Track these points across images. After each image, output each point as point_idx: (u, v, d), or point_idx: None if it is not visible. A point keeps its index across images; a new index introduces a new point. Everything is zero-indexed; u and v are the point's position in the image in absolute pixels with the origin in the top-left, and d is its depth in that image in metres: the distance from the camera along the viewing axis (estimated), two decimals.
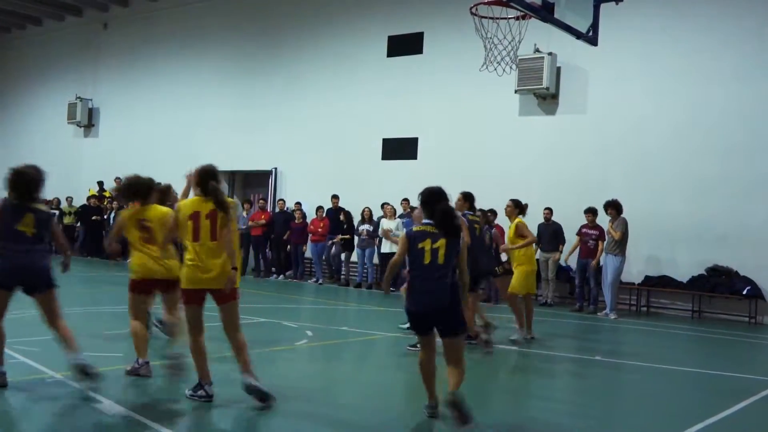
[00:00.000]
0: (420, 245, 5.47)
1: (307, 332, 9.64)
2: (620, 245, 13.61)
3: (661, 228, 14.54)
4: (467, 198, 8.97)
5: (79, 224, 22.91)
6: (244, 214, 19.17)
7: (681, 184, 14.51)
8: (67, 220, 23.25)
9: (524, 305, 10.00)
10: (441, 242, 5.43)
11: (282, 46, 20.56)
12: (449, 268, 5.44)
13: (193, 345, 5.89)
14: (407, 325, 8.33)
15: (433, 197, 5.60)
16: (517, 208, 10.08)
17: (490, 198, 12.87)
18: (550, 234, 14.81)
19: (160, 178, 7.37)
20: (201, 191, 6.00)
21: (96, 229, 21.73)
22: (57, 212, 23.25)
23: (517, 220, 9.98)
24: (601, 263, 14.16)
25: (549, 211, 14.91)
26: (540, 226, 14.81)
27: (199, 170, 6.09)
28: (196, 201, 6.00)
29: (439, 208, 5.49)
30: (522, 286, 9.92)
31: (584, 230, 14.39)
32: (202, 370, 5.89)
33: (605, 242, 13.86)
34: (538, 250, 14.93)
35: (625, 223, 13.62)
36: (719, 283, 13.87)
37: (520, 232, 9.91)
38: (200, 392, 5.84)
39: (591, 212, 14.26)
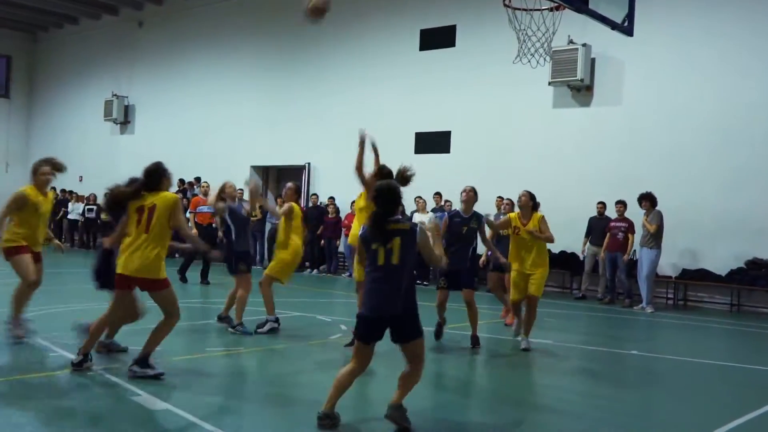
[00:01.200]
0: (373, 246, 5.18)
1: (341, 326, 9.67)
2: (656, 238, 13.45)
3: (698, 221, 14.33)
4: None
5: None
6: (278, 209, 19.24)
7: (716, 177, 14.28)
8: (104, 216, 23.56)
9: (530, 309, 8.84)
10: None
11: (314, 41, 20.60)
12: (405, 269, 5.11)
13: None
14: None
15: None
16: (532, 200, 8.82)
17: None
18: (602, 228, 14.61)
19: (195, 173, 7.45)
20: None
21: None
22: (95, 208, 23.64)
23: (539, 214, 8.76)
24: (635, 256, 14.03)
25: (602, 205, 14.69)
26: (592, 220, 14.69)
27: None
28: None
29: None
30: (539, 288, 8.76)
31: (612, 223, 14.25)
32: None
33: (641, 235, 13.70)
34: (587, 243, 14.81)
35: (660, 216, 13.46)
36: (759, 276, 13.64)
37: (544, 226, 8.71)
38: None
39: (620, 204, 14.12)
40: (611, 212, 14.47)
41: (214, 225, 14.80)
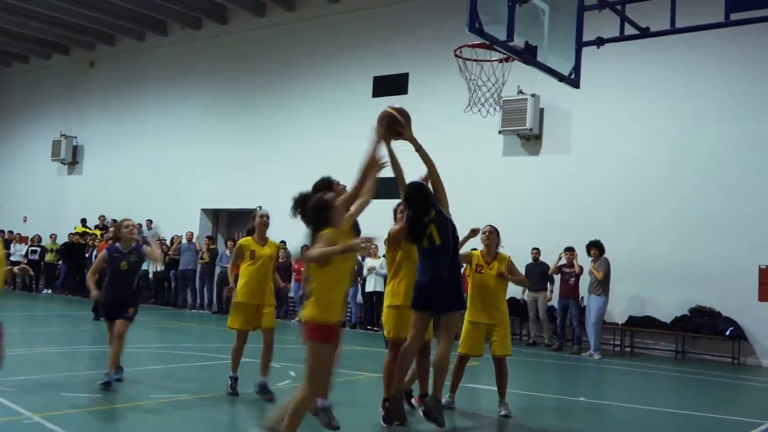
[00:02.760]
0: None
1: (290, 372, 9.55)
2: (603, 285, 13.67)
3: (646, 268, 14.57)
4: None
5: (60, 262, 22.73)
6: (228, 252, 19.11)
7: (668, 224, 14.57)
8: (49, 257, 23.06)
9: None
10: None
11: (268, 85, 20.68)
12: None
13: None
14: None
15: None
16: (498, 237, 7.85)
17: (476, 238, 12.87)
18: (539, 274, 14.87)
19: (145, 216, 7.31)
20: None
21: (79, 267, 21.52)
22: (39, 249, 23.10)
23: (506, 255, 7.82)
24: (583, 303, 14.24)
25: (537, 251, 15.00)
26: (528, 266, 14.85)
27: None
28: None
29: None
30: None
31: (564, 269, 14.45)
32: None
33: (589, 282, 13.90)
34: (527, 291, 15.01)
35: (607, 263, 13.70)
36: (702, 324, 13.90)
37: (514, 268, 7.90)
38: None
39: (569, 251, 14.34)
40: (555, 259, 14.62)
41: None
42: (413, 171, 6.90)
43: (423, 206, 6.47)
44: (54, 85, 26.58)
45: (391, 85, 18.44)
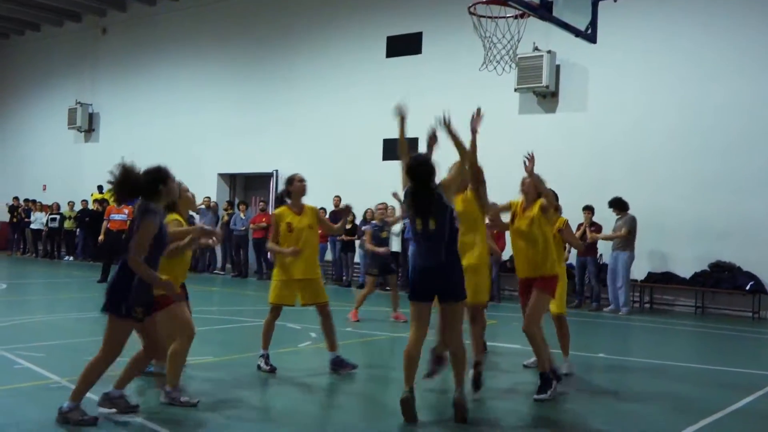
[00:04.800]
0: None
1: (311, 333, 9.64)
2: (628, 242, 13.64)
3: (663, 224, 14.52)
4: None
5: (78, 230, 22.93)
6: (242, 216, 19.23)
7: (681, 181, 14.49)
8: (67, 224, 23.28)
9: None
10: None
11: (280, 48, 20.57)
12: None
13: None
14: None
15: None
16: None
17: (491, 196, 12.84)
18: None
19: None
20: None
21: (96, 233, 21.67)
22: (58, 217, 23.30)
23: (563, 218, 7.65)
24: (601, 260, 14.23)
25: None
26: None
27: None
28: None
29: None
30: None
31: (589, 229, 14.37)
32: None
33: (614, 240, 13.85)
34: None
35: (632, 220, 13.66)
36: (722, 279, 13.87)
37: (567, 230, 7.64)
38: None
39: (588, 209, 14.26)
40: (580, 218, 14.54)
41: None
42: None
43: (427, 183, 5.72)
44: (67, 53, 26.57)
45: (404, 44, 18.30)
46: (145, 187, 5.50)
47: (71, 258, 23.17)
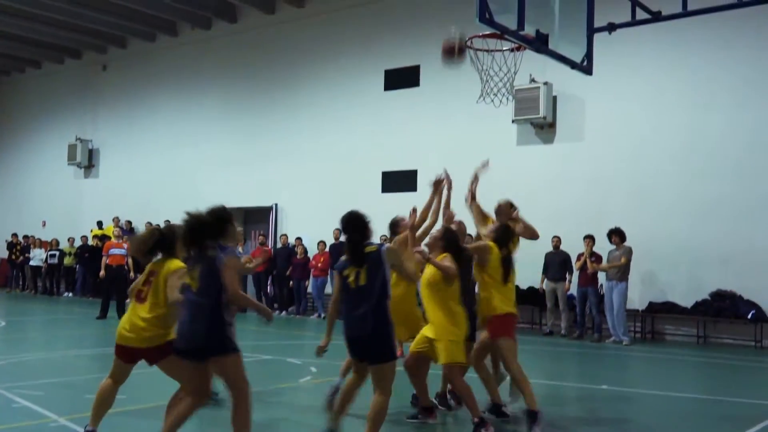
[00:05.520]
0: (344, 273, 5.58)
1: (311, 368, 9.58)
2: (625, 272, 13.63)
3: (663, 253, 14.49)
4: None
5: (78, 266, 22.89)
6: (240, 249, 19.17)
7: (681, 208, 14.50)
8: (67, 261, 23.24)
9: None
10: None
11: (279, 81, 20.71)
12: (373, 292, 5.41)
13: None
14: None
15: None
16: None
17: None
18: (559, 263, 14.77)
19: (162, 217, 7.34)
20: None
21: (96, 270, 21.64)
22: (57, 253, 23.29)
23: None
24: (602, 291, 14.20)
25: (557, 239, 14.86)
26: (548, 255, 14.80)
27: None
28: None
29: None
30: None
31: (589, 259, 14.36)
32: None
33: (609, 270, 13.84)
34: (545, 280, 14.95)
35: (630, 250, 13.65)
36: (723, 308, 13.81)
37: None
38: None
39: (589, 238, 14.27)
40: (579, 247, 14.54)
41: (125, 267, 15.96)
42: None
43: (360, 238, 5.74)
44: (68, 89, 26.74)
45: (402, 77, 18.42)
46: (216, 226, 5.23)
47: (71, 294, 23.11)
